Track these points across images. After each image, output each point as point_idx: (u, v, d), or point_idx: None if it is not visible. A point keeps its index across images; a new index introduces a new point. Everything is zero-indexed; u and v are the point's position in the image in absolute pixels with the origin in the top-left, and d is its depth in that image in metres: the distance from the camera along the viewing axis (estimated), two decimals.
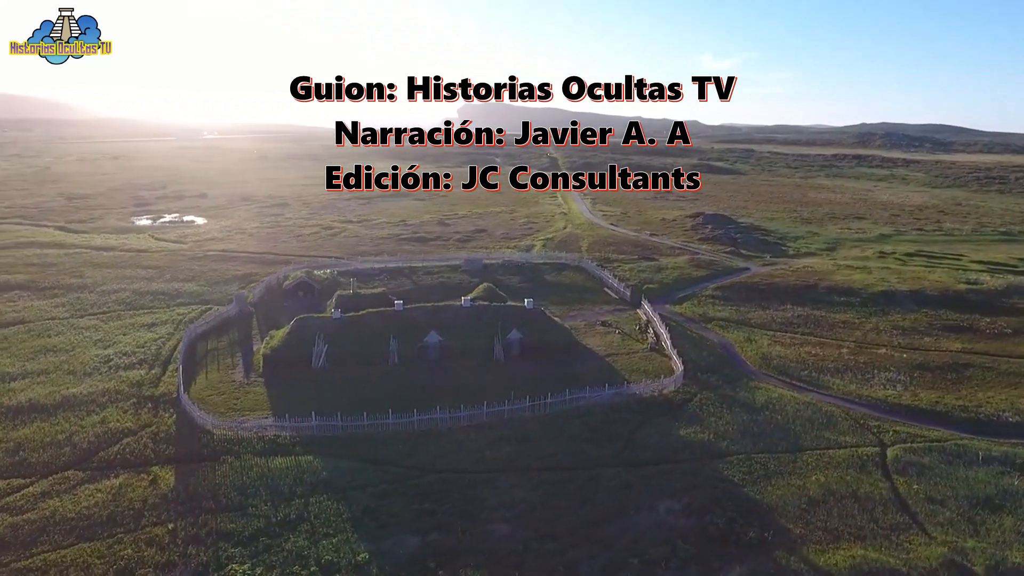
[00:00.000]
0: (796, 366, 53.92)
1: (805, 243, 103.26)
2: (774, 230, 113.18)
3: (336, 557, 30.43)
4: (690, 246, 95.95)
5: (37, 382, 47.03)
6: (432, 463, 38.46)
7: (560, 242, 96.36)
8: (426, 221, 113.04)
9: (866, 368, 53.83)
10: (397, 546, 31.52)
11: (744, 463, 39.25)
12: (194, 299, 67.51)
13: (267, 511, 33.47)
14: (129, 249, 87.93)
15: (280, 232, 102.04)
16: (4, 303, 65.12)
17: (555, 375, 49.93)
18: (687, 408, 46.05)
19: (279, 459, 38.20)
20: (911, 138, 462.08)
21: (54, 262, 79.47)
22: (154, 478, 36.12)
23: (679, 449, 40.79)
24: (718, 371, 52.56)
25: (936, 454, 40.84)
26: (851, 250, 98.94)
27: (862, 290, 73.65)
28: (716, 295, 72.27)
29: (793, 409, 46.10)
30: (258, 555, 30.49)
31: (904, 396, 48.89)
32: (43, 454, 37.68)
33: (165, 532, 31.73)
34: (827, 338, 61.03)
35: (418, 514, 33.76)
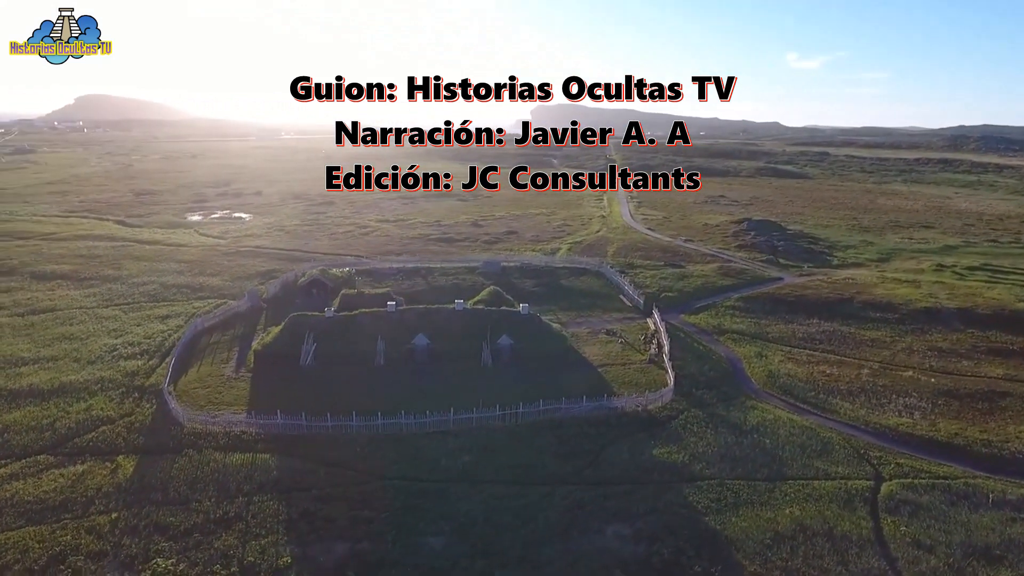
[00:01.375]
0: (804, 386, 50.06)
1: (855, 253, 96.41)
2: (824, 238, 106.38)
3: (259, 559, 30.29)
4: (724, 253, 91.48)
5: (44, 368, 49.75)
6: (385, 469, 37.86)
7: (588, 246, 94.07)
8: (460, 222, 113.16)
9: (884, 392, 49.29)
10: (323, 552, 31.09)
11: (714, 489, 36.56)
12: (214, 293, 69.96)
13: (209, 507, 33.79)
14: (171, 243, 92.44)
15: (315, 230, 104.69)
16: (44, 291, 69.64)
17: (542, 383, 48.30)
18: (669, 426, 43.47)
19: (237, 455, 38.60)
20: (1010, 141, 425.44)
21: (100, 254, 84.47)
22: (116, 467, 37.25)
23: (648, 470, 38.47)
24: (716, 387, 49.48)
25: (939, 493, 36.71)
26: (906, 261, 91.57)
27: (902, 305, 67.79)
28: (738, 306, 68.34)
29: (786, 433, 42.69)
30: (187, 551, 30.74)
31: (919, 425, 44.37)
32: (24, 437, 39.62)
33: (108, 521, 32.55)
34: (849, 357, 56.40)
35: (354, 521, 33.23)
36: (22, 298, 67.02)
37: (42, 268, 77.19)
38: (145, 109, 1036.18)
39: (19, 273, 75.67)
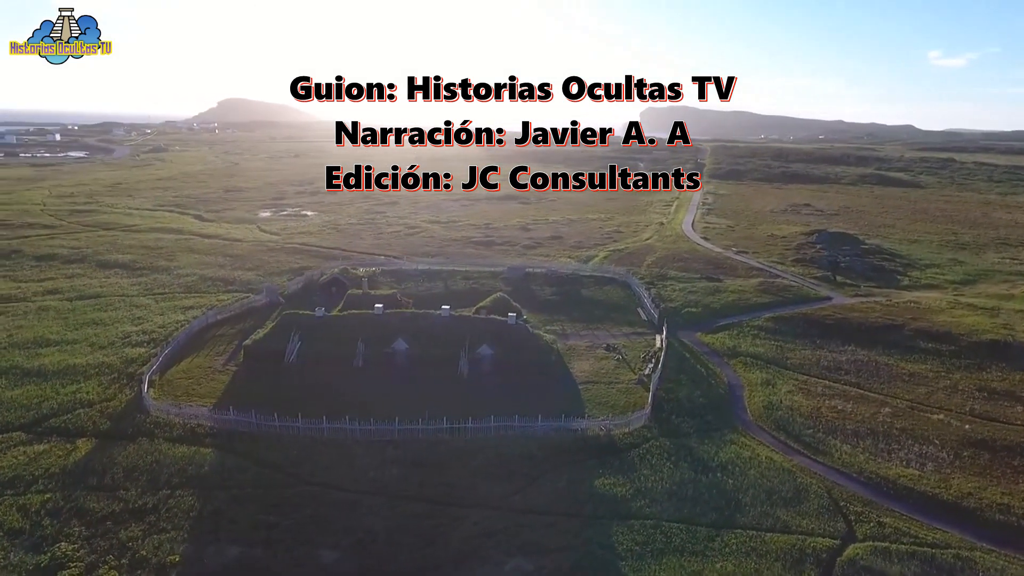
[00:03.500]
0: (804, 422, 44.60)
1: (935, 273, 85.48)
2: (905, 255, 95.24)
3: (151, 554, 30.84)
4: (775, 268, 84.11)
5: (62, 350, 53.97)
6: (312, 474, 37.58)
7: (628, 254, 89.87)
8: (509, 225, 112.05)
9: (898, 436, 42.90)
10: (215, 554, 31.17)
11: (647, 530, 33.21)
12: (243, 287, 73.27)
13: (132, 497, 34.91)
14: (228, 238, 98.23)
15: (366, 228, 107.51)
16: (100, 279, 75.99)
17: (515, 397, 46.26)
18: (627, 455, 40.12)
19: (183, 448, 39.73)
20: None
21: (162, 246, 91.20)
22: (74, 449, 39.46)
23: (582, 501, 35.63)
24: (701, 416, 45.22)
25: (917, 564, 31.21)
26: (995, 285, 79.95)
27: (964, 336, 58.99)
28: (765, 326, 62.36)
29: (756, 475, 38.11)
30: (93, 538, 31.87)
31: (926, 480, 38.12)
32: (10, 414, 42.96)
33: (40, 501, 34.44)
34: (874, 392, 49.72)
35: (257, 525, 33.11)
36: (79, 284, 73.51)
37: (108, 257, 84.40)
38: (276, 112, 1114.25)
39: (88, 261, 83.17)
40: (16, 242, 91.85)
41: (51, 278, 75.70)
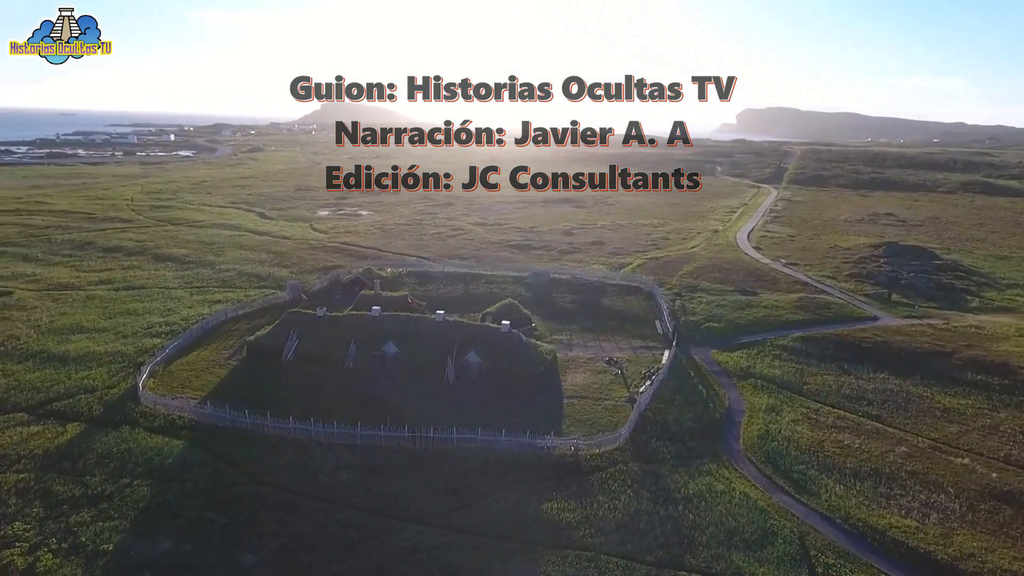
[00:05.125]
0: (800, 456, 40.47)
1: (1015, 294, 75.83)
2: (986, 272, 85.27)
3: (88, 540, 32.02)
4: (824, 282, 77.49)
5: (90, 338, 57.79)
6: (265, 474, 37.94)
7: (664, 263, 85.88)
8: (554, 229, 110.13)
9: (906, 480, 38.03)
10: (147, 546, 31.98)
11: (580, 564, 31.22)
12: (274, 284, 75.94)
13: (95, 483, 36.52)
14: (277, 236, 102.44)
15: (408, 230, 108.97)
16: (152, 271, 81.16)
17: (496, 408, 45.02)
18: (588, 478, 37.87)
19: (158, 438, 41.21)
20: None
21: (215, 242, 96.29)
22: (62, 433, 41.87)
23: (524, 525, 33.90)
24: (683, 442, 42.05)
25: None
26: None
27: (1022, 369, 51.77)
28: (791, 347, 57.43)
29: (723, 511, 34.84)
30: (44, 520, 33.50)
31: (923, 534, 33.45)
32: (21, 395, 46.29)
33: (14, 480, 36.70)
34: (894, 427, 44.45)
35: (195, 522, 33.71)
36: (130, 275, 78.80)
37: (164, 251, 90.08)
38: (374, 114, 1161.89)
39: (146, 254, 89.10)
40: (92, 234, 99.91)
41: (109, 269, 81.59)
